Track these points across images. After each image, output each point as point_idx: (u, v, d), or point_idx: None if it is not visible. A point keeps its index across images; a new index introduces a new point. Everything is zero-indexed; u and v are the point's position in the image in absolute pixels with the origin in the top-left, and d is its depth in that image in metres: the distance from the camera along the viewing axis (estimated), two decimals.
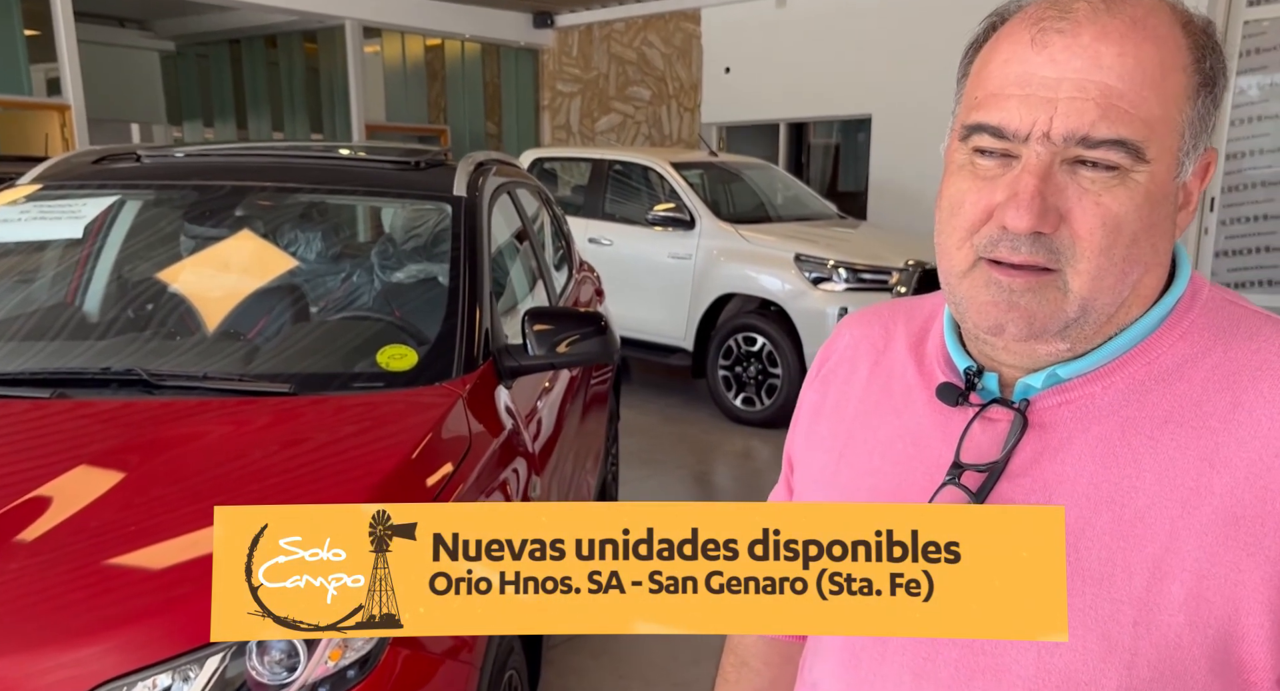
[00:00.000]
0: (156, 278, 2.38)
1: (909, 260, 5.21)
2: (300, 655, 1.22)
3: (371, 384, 1.91)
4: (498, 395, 2.01)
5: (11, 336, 2.11)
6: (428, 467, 1.59)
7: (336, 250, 2.86)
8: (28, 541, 1.28)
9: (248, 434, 1.65)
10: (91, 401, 1.73)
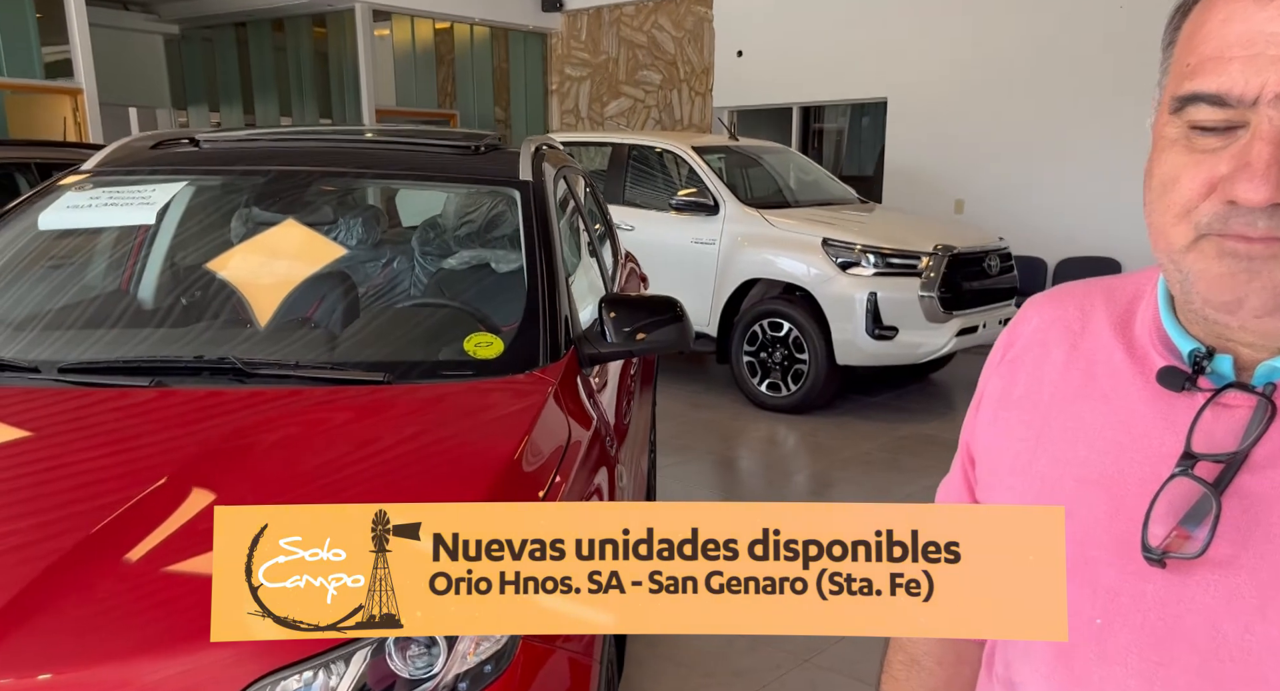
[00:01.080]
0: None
1: (937, 244, 5.21)
2: (440, 651, 1.22)
3: (460, 372, 1.90)
4: (581, 384, 2.01)
5: (85, 325, 2.10)
6: (535, 460, 1.58)
7: (401, 237, 2.84)
8: (166, 535, 1.27)
9: (359, 424, 1.64)
10: (194, 390, 1.72)
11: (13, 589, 1.15)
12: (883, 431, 5.15)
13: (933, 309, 5.14)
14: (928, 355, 5.23)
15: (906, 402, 5.83)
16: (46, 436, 1.53)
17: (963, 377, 6.50)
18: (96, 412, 1.63)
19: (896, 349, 5.18)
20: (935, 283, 5.12)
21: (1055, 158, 7.22)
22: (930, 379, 6.46)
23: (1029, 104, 7.32)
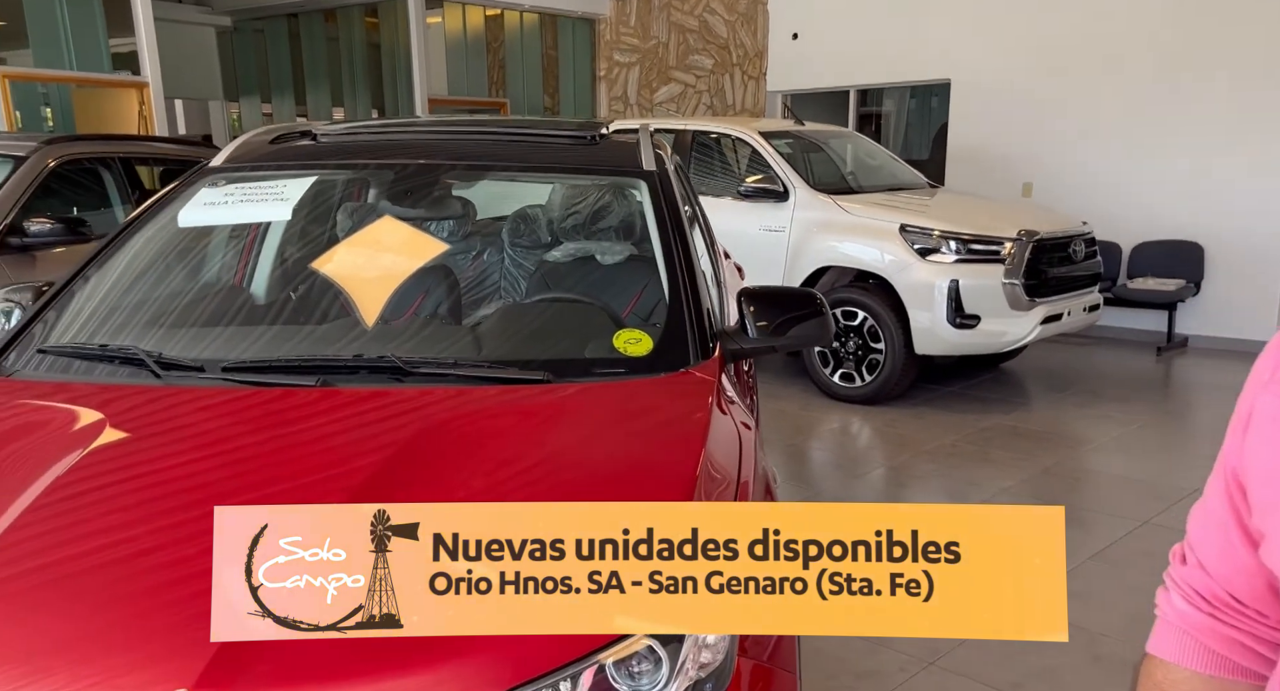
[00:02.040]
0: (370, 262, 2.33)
1: (1021, 230, 5.08)
2: (663, 668, 1.17)
3: (612, 370, 1.86)
4: (729, 382, 1.96)
5: (237, 321, 2.08)
6: (720, 466, 1.54)
7: (534, 231, 2.80)
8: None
9: (542, 426, 1.60)
10: (359, 390, 1.69)
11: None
12: (964, 423, 5.06)
13: (1016, 296, 5.02)
14: (1011, 344, 5.12)
15: (982, 393, 5.72)
16: (235, 438, 1.51)
17: (1035, 367, 6.37)
18: (272, 414, 1.61)
19: (978, 338, 5.07)
20: (1019, 269, 5.00)
21: (1131, 138, 7.02)
22: (1001, 368, 6.33)
23: (1102, 81, 7.11)
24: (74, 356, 1.80)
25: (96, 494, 1.33)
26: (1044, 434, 4.85)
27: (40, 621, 1.11)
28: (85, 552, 1.21)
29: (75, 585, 1.16)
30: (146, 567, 1.19)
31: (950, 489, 4.08)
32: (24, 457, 1.44)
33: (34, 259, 3.68)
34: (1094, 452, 4.55)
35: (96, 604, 1.13)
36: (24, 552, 1.20)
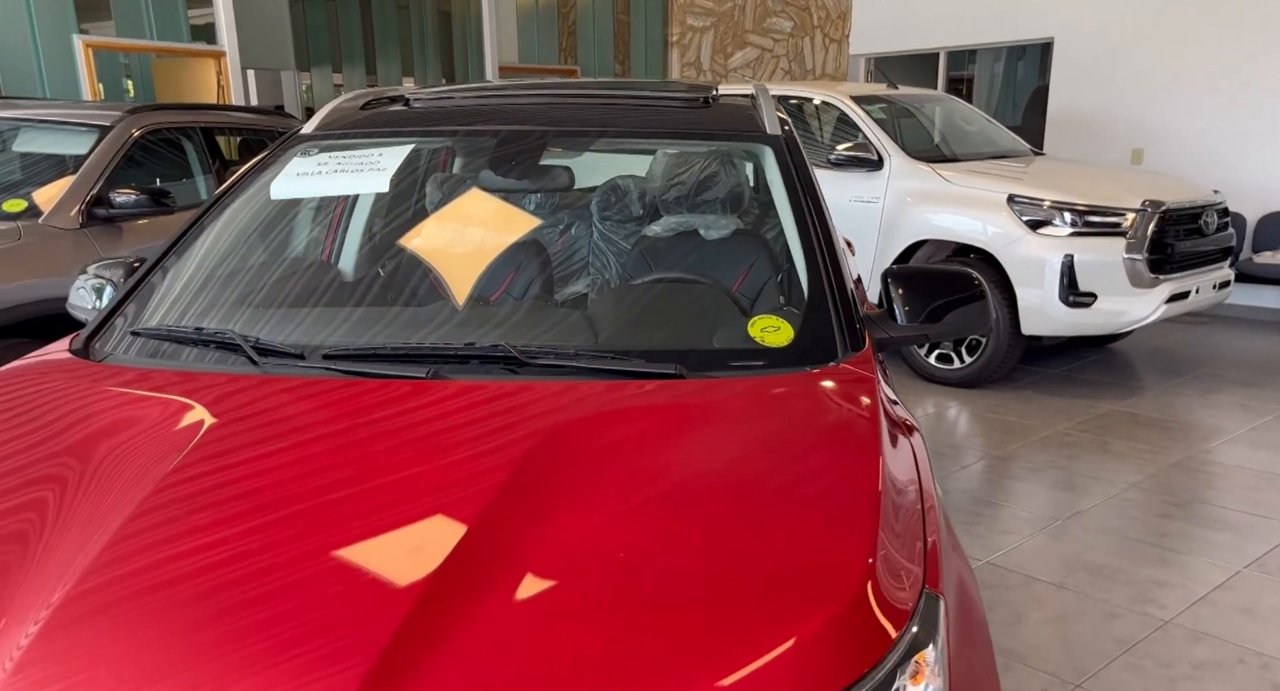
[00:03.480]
0: (480, 241, 2.14)
1: (1146, 200, 4.67)
2: None
3: (750, 363, 1.64)
4: (883, 377, 1.72)
5: (328, 302, 1.92)
6: (900, 480, 1.31)
7: (626, 204, 2.58)
8: (548, 562, 1.06)
9: (691, 432, 1.39)
10: (474, 383, 1.51)
11: (390, 626, 0.95)
12: (1076, 408, 4.71)
13: (1138, 273, 4.63)
14: (1131, 325, 4.74)
15: (1090, 376, 5.34)
16: (347, 437, 1.34)
17: (1147, 348, 5.94)
18: (383, 408, 1.43)
19: (1094, 317, 4.70)
20: (1143, 243, 4.60)
21: (1255, 101, 6.44)
22: (1109, 349, 5.92)
23: (1223, 38, 6.54)
24: (168, 340, 1.66)
25: (203, 500, 1.18)
26: (1167, 423, 4.48)
27: (165, 643, 0.96)
28: (201, 568, 1.06)
29: (200, 604, 1.00)
30: (275, 588, 1.03)
31: (1070, 483, 3.77)
32: (124, 455, 1.30)
33: (120, 230, 3.62)
34: (1229, 445, 4.17)
35: (223, 626, 0.98)
36: (136, 566, 1.06)
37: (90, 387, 1.52)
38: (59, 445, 1.34)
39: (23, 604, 1.02)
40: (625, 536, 1.14)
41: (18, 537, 1.13)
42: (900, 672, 1.02)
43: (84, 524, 1.14)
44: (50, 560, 1.08)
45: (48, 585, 1.04)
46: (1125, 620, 2.69)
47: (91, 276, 1.95)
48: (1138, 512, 3.44)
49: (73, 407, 1.46)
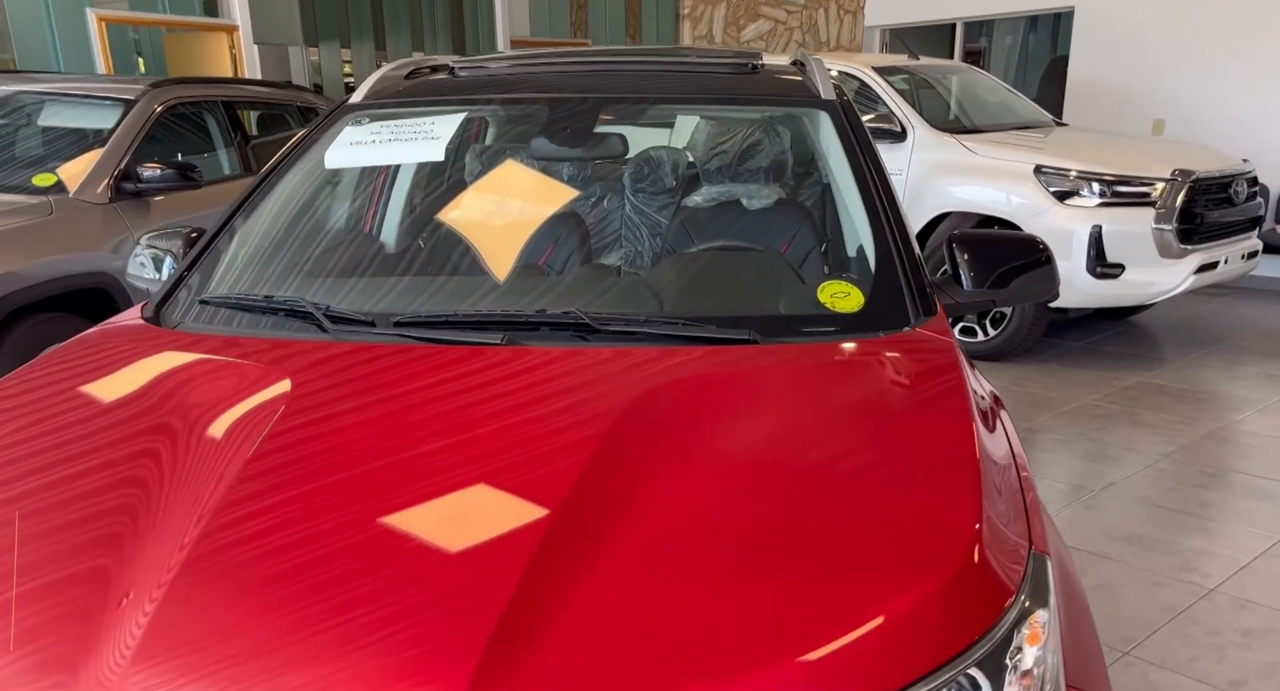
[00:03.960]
0: (528, 209, 2.12)
1: (1176, 169, 4.63)
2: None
3: (822, 329, 1.62)
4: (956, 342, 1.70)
5: (390, 271, 1.91)
6: (994, 448, 1.30)
7: (660, 176, 2.55)
8: (652, 529, 1.05)
9: (775, 399, 1.38)
10: (549, 349, 1.50)
11: (493, 616, 0.94)
12: (1102, 380, 4.70)
13: (1167, 243, 4.60)
14: (1158, 296, 4.71)
15: (1114, 348, 5.33)
16: (434, 404, 1.33)
17: (1169, 320, 5.92)
18: (465, 376, 1.42)
19: (1122, 289, 4.67)
20: (1172, 213, 4.56)
21: (1277, 70, 6.38)
22: (1131, 321, 5.90)
23: (1246, 7, 6.45)
24: (237, 308, 1.65)
25: (302, 467, 1.17)
26: (1196, 394, 4.47)
27: (282, 612, 0.96)
28: (310, 535, 1.05)
29: (311, 571, 1.00)
30: (385, 555, 1.03)
31: (1102, 454, 3.77)
32: (216, 420, 1.29)
33: (148, 205, 3.59)
34: (1260, 415, 4.16)
35: (337, 594, 0.97)
36: (245, 535, 1.05)
37: (172, 354, 1.52)
38: (152, 412, 1.34)
39: (142, 575, 1.01)
40: (726, 499, 1.13)
41: (125, 509, 1.12)
42: (1017, 633, 1.01)
43: (188, 490, 1.14)
44: (161, 529, 1.07)
45: (162, 556, 1.03)
46: (1170, 589, 2.70)
47: (147, 247, 1.94)
48: (1173, 483, 3.44)
49: (158, 374, 1.46)
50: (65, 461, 1.22)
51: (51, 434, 1.30)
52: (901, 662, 0.93)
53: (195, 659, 0.90)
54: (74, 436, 1.29)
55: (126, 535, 1.07)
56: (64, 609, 0.97)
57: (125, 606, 0.96)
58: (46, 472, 1.20)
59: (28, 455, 1.24)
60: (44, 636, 0.92)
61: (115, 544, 1.05)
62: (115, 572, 1.01)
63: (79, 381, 1.46)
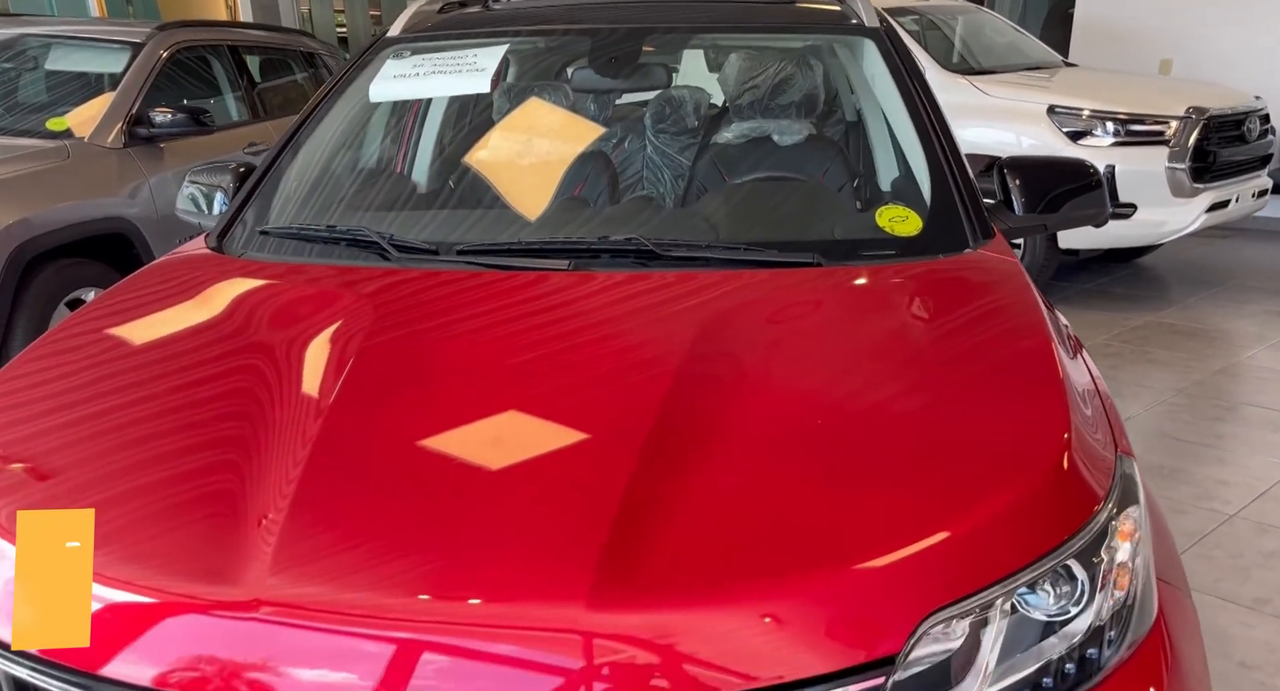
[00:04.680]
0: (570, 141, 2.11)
1: (1190, 107, 4.61)
2: (1083, 589, 0.99)
3: (881, 252, 1.63)
4: None
5: (447, 204, 1.91)
6: (1068, 359, 1.33)
7: (681, 116, 2.53)
8: (737, 444, 1.07)
9: (854, 316, 1.40)
10: (615, 274, 1.50)
11: (610, 507, 0.97)
12: (1112, 321, 4.74)
13: (1179, 182, 4.60)
14: (1169, 235, 4.73)
15: (1123, 289, 5.36)
16: (519, 323, 1.34)
17: (1175, 262, 5.95)
18: (543, 298, 1.43)
19: (1133, 229, 4.69)
20: (1186, 152, 4.56)
21: None
22: (1137, 264, 5.93)
23: None
24: (298, 238, 1.65)
25: (400, 381, 1.19)
26: (1206, 332, 4.53)
27: (406, 518, 0.99)
28: (418, 451, 1.07)
29: (424, 483, 1.02)
30: (498, 460, 1.05)
31: (1116, 391, 3.82)
32: (306, 341, 1.32)
33: (161, 151, 3.53)
34: (1271, 351, 4.22)
35: (455, 503, 1.00)
36: (358, 449, 1.08)
37: (248, 278, 1.54)
38: (242, 333, 1.35)
39: (263, 488, 1.02)
40: (818, 408, 1.15)
41: (236, 423, 1.14)
42: (1111, 528, 1.05)
43: (292, 406, 1.15)
44: (275, 442, 1.09)
45: (281, 469, 1.05)
46: (1191, 516, 2.76)
47: (192, 183, 1.93)
48: (1189, 417, 3.50)
49: (240, 297, 1.48)
50: (168, 381, 1.24)
51: (149, 357, 1.32)
52: (1004, 554, 0.96)
53: (330, 564, 0.93)
54: (171, 358, 1.31)
55: (241, 450, 1.08)
56: (196, 528, 0.99)
57: (253, 521, 0.98)
58: (153, 394, 1.22)
59: (130, 382, 1.26)
60: (179, 558, 0.94)
61: (232, 459, 1.07)
62: (237, 486, 1.03)
63: (164, 306, 1.49)
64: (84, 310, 1.50)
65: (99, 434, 1.13)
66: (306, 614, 0.88)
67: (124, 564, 0.92)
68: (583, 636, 0.86)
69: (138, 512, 1.00)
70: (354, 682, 0.85)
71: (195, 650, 0.87)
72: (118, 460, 1.07)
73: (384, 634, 0.87)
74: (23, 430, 1.17)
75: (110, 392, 1.22)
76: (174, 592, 0.90)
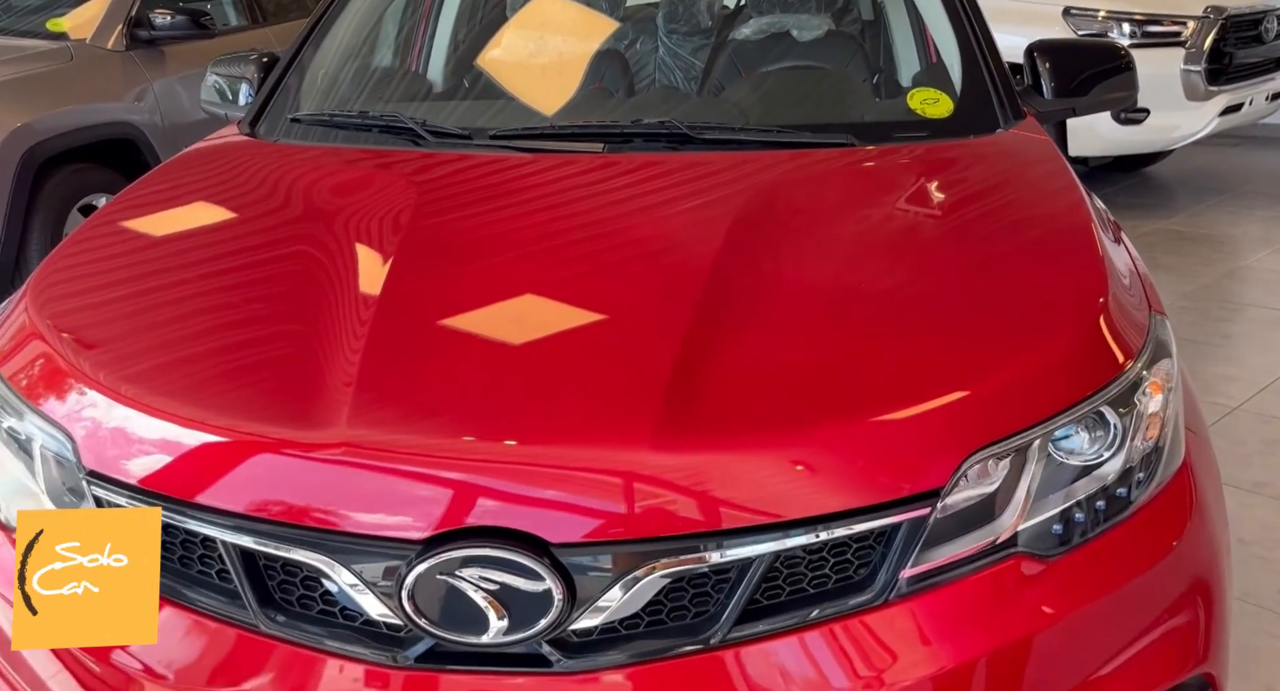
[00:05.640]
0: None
1: (1208, 7, 4.51)
2: (1115, 433, 1.04)
3: (914, 133, 1.64)
4: None
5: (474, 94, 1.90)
6: (1104, 233, 1.35)
7: (694, 15, 2.49)
8: (782, 305, 1.11)
9: (891, 191, 1.42)
10: (652, 155, 1.52)
11: (669, 358, 1.00)
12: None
13: (1194, 85, 4.54)
14: (1182, 140, 4.70)
15: (1128, 199, 5.35)
16: (564, 198, 1.36)
17: (1181, 170, 5.92)
18: (582, 177, 1.45)
19: (1145, 134, 4.64)
20: (1202, 53, 4.49)
21: None
22: (1143, 173, 5.90)
23: None
24: (330, 125, 1.66)
25: (453, 253, 1.23)
26: (1213, 238, 4.54)
27: (470, 371, 1.03)
28: (477, 309, 1.11)
29: (485, 342, 1.06)
30: (558, 320, 1.09)
31: None
32: (353, 217, 1.33)
33: (163, 54, 3.45)
34: (1278, 254, 4.25)
35: (517, 356, 1.05)
36: (416, 309, 1.11)
37: (288, 160, 1.55)
38: (291, 210, 1.39)
39: (338, 348, 1.06)
40: (865, 272, 1.19)
41: (300, 286, 1.17)
42: (1144, 379, 1.09)
43: (354, 274, 1.19)
44: (339, 306, 1.13)
45: (352, 329, 1.08)
46: None
47: (216, 74, 1.93)
48: (1195, 318, 3.55)
49: (283, 177, 1.49)
50: (228, 253, 1.28)
51: (204, 232, 1.36)
52: (1043, 400, 1.01)
53: (406, 410, 0.97)
54: (227, 232, 1.35)
55: (310, 311, 1.12)
56: (278, 379, 1.03)
57: (329, 373, 1.02)
58: (215, 264, 1.26)
59: (190, 256, 1.29)
60: (265, 406, 0.99)
61: (302, 319, 1.11)
62: (310, 343, 1.07)
63: (211, 185, 1.53)
64: (128, 192, 1.53)
65: (168, 302, 1.17)
66: (385, 455, 0.93)
67: (216, 410, 0.97)
68: (650, 473, 0.90)
69: (222, 365, 1.05)
70: (430, 516, 0.90)
71: (280, 485, 0.93)
72: (191, 323, 1.12)
73: (456, 476, 0.91)
74: (94, 297, 1.21)
75: (172, 266, 1.26)
76: (263, 435, 0.95)
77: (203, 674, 0.91)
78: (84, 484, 0.98)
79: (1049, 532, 0.99)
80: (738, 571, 0.91)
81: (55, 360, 1.07)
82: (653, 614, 0.92)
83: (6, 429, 1.07)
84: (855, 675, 0.90)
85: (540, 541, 0.88)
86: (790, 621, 0.91)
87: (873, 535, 0.93)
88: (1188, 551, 1.04)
